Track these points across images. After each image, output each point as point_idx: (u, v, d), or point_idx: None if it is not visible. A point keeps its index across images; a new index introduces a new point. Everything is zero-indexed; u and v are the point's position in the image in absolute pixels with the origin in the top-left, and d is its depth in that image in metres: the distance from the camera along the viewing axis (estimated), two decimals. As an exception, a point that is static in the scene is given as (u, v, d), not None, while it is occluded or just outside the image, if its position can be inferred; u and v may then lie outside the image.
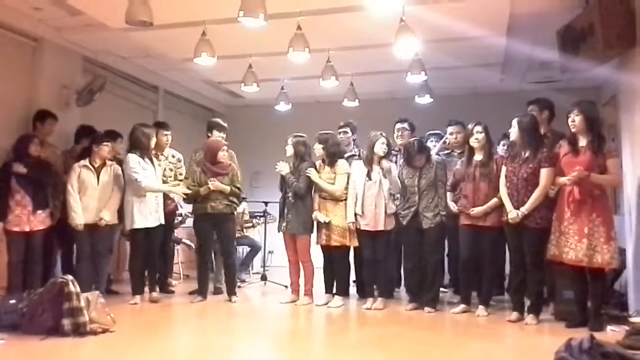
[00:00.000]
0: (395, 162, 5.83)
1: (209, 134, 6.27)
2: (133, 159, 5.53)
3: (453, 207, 5.30)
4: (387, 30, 5.24)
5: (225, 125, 6.40)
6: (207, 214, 5.77)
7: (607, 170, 4.44)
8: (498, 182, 4.97)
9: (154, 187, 5.63)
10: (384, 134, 5.57)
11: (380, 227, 5.42)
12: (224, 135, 6.29)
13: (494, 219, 5.01)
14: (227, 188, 5.78)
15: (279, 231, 5.90)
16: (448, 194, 5.37)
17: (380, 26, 5.38)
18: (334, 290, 5.76)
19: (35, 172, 5.34)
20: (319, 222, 5.65)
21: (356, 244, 5.58)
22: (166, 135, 6.28)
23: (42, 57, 6.27)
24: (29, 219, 5.30)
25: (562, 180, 4.55)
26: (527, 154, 4.82)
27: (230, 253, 6.02)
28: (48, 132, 5.89)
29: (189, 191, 5.76)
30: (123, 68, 7.52)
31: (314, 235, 5.75)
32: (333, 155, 5.71)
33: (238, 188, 5.91)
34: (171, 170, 6.18)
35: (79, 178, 5.49)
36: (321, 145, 5.74)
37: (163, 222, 5.78)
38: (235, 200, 5.89)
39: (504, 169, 4.94)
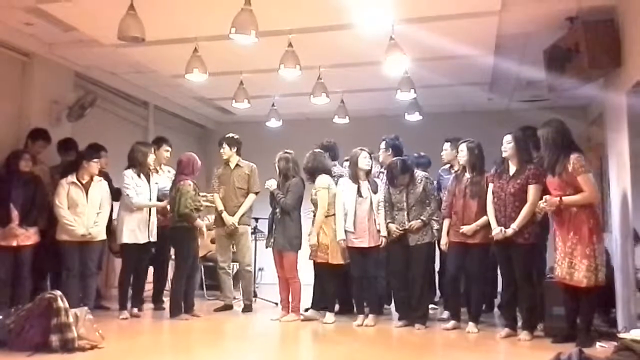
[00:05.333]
0: (381, 180, 5.84)
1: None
2: (128, 176, 5.75)
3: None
4: (377, 48, 5.30)
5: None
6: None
7: (580, 188, 4.43)
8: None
9: (142, 204, 5.79)
10: (365, 149, 5.62)
11: (373, 243, 5.43)
12: None
13: (482, 236, 5.04)
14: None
15: (266, 247, 5.91)
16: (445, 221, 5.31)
17: (371, 44, 5.44)
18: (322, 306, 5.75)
19: (26, 187, 5.33)
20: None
21: (341, 261, 5.55)
22: (167, 150, 6.49)
23: (33, 72, 6.27)
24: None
25: (540, 205, 4.61)
26: (515, 170, 4.87)
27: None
28: (37, 152, 5.87)
29: (163, 205, 5.88)
30: (114, 84, 7.52)
31: (302, 252, 5.75)
32: (308, 173, 5.79)
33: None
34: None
35: (67, 195, 5.44)
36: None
37: (154, 240, 5.84)
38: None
39: (490, 186, 4.99)
